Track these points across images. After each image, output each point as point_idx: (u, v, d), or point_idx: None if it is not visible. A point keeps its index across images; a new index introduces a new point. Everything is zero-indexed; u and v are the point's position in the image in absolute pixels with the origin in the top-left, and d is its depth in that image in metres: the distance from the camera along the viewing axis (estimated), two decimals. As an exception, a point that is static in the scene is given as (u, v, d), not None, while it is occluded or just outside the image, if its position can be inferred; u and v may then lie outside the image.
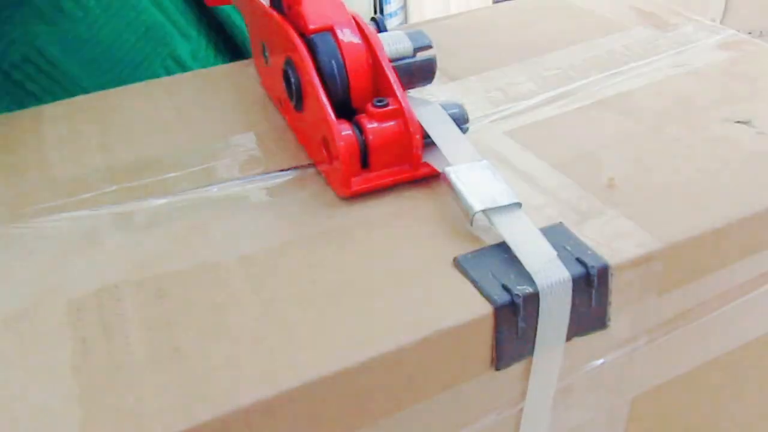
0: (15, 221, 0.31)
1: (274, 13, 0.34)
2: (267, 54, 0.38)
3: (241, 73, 0.43)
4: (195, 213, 0.31)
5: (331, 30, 0.32)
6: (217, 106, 0.39)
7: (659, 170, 0.32)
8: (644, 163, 0.32)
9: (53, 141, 0.37)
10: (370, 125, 0.31)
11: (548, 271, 0.26)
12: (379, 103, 0.31)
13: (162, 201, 0.32)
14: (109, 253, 0.28)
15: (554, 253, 0.26)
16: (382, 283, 0.26)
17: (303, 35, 0.32)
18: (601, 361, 0.29)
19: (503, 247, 0.27)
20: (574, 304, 0.26)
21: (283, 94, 0.35)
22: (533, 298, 0.25)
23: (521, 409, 0.28)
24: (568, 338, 0.27)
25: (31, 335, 0.25)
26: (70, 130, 0.38)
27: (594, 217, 0.29)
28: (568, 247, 0.27)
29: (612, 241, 0.28)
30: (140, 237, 0.29)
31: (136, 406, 0.22)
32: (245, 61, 0.44)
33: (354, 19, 0.33)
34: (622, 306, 0.28)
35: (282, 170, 0.34)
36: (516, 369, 0.27)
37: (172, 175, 0.33)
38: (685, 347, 0.31)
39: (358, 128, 0.31)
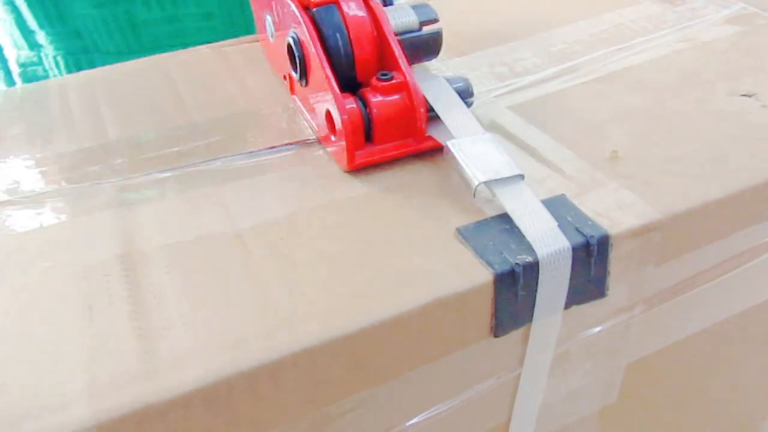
0: (22, 192, 0.31)
1: (279, -13, 0.34)
2: (272, 29, 0.38)
3: (251, 49, 0.43)
4: (199, 186, 0.31)
5: (335, 3, 0.32)
6: (224, 81, 0.40)
7: (662, 143, 0.32)
8: (648, 137, 0.32)
9: (67, 113, 0.37)
10: (375, 99, 0.31)
11: (548, 241, 0.26)
12: (383, 77, 0.31)
13: (167, 174, 0.32)
14: (115, 224, 0.29)
15: (555, 223, 0.26)
16: (384, 253, 0.27)
17: (307, 8, 0.32)
18: (598, 329, 0.29)
19: (505, 218, 0.27)
20: (573, 274, 0.26)
21: (288, 69, 0.35)
22: (533, 267, 0.26)
23: (519, 375, 0.28)
24: (567, 306, 0.27)
25: (38, 303, 0.25)
26: (83, 102, 0.38)
27: (595, 188, 0.29)
28: (569, 218, 0.27)
29: (612, 212, 0.28)
30: (146, 209, 0.30)
31: (140, 371, 0.22)
32: (254, 36, 0.45)
33: (359, -9, 0.33)
34: (621, 276, 0.28)
35: (287, 144, 0.34)
36: (515, 336, 0.27)
37: (176, 149, 0.34)
38: (680, 316, 0.32)
39: (363, 102, 0.31)
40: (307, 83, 0.34)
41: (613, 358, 0.31)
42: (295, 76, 0.34)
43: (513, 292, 0.26)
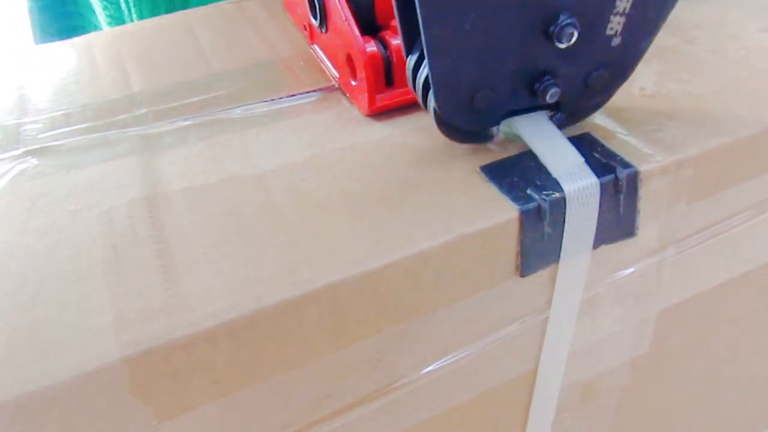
0: (47, 140, 0.31)
1: (298, -68, 0.34)
2: (292, -23, 0.37)
3: (270, 2, 0.43)
4: (221, 133, 0.31)
5: (354, -57, 0.31)
6: (245, 34, 0.39)
7: (692, 81, 0.31)
8: (677, 75, 0.31)
9: (93, 67, 0.37)
10: (395, 41, 0.30)
11: (575, 176, 0.25)
12: (403, 17, 0.30)
13: (189, 122, 0.32)
14: (139, 169, 0.29)
15: (581, 159, 0.26)
16: (405, 192, 0.26)
17: (326, -50, 0.32)
18: (628, 270, 0.28)
19: (529, 155, 0.27)
20: (601, 211, 0.26)
21: (308, 18, 0.35)
22: (560, 203, 0.25)
23: (546, 319, 0.28)
24: (595, 246, 0.27)
25: (64, 244, 0.25)
26: (108, 57, 0.38)
27: (624, 126, 0.28)
28: (596, 154, 0.27)
29: (642, 148, 0.27)
30: (169, 154, 0.30)
31: (166, 306, 0.22)
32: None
33: (378, -68, 0.32)
34: (651, 214, 0.27)
35: (307, 92, 0.34)
36: (541, 276, 0.27)
37: (198, 98, 0.34)
38: (714, 260, 0.31)
39: (383, 44, 0.30)
40: (326, 29, 0.33)
41: (644, 304, 0.30)
42: (315, 23, 0.34)
43: (539, 230, 0.25)
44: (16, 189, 0.28)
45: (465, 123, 0.26)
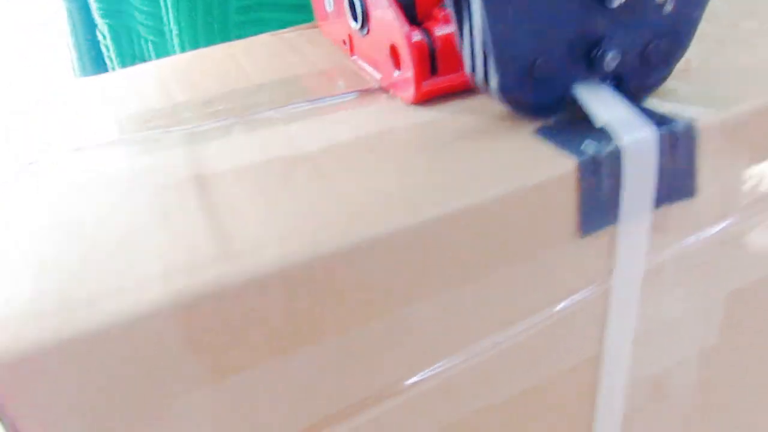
0: (97, 140, 0.32)
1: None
2: (330, -6, 0.38)
3: (310, 33, 0.44)
4: (265, 127, 0.31)
5: (393, -59, 0.32)
6: (286, 55, 0.40)
7: (736, 56, 0.30)
8: (722, 53, 0.31)
9: (139, 90, 0.38)
10: (437, 28, 0.31)
11: (632, 128, 0.25)
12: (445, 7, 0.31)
13: (233, 121, 0.32)
14: (186, 156, 0.29)
15: (637, 113, 0.25)
16: (458, 152, 0.26)
17: (366, -50, 0.33)
18: (691, 239, 0.27)
19: (585, 116, 0.26)
20: (659, 165, 0.25)
21: (347, 30, 0.36)
22: (617, 154, 0.24)
23: (608, 290, 0.27)
24: (655, 205, 0.26)
25: (116, 213, 0.25)
26: (153, 82, 0.39)
27: (672, 94, 0.28)
28: (652, 110, 0.26)
29: (697, 105, 0.26)
30: (215, 144, 0.30)
31: (217, 254, 0.22)
32: (313, 23, 0.46)
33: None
34: (711, 172, 0.26)
35: (347, 92, 0.34)
36: (602, 240, 0.26)
37: (241, 102, 0.34)
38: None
39: (427, 34, 0.31)
40: (368, 30, 0.34)
41: (709, 282, 0.28)
42: (356, 26, 0.35)
43: (598, 181, 0.24)
44: (60, 176, 0.29)
45: (527, 95, 0.26)
